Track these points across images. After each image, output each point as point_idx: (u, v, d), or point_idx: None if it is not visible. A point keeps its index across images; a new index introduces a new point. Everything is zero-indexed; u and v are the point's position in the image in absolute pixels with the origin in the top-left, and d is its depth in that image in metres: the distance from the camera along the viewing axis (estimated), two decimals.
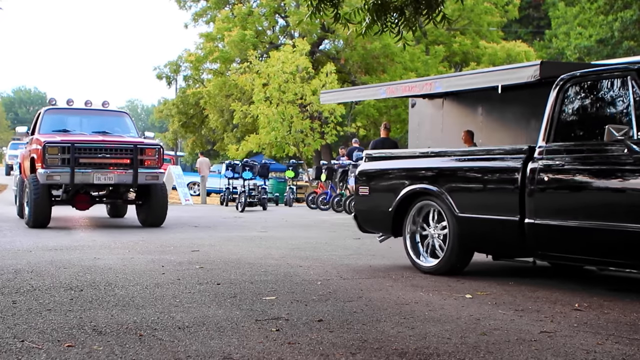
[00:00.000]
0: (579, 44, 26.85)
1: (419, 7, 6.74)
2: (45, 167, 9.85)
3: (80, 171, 9.95)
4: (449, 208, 5.65)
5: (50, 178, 9.92)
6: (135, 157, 10.21)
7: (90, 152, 10.16)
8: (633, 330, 3.79)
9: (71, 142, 10.07)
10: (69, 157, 9.92)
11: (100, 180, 10.14)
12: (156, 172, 10.47)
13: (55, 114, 11.65)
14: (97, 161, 10.16)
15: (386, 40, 25.99)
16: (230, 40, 28.35)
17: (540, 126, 5.83)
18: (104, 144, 10.32)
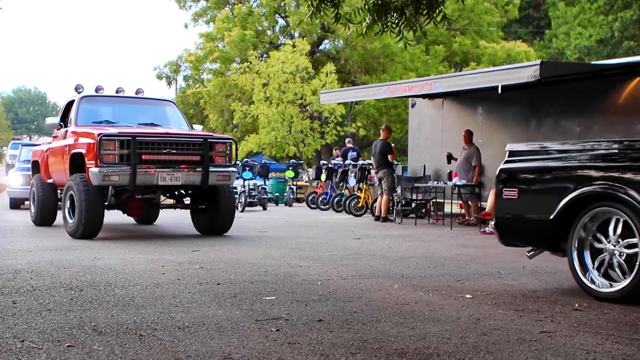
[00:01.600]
0: (579, 44, 26.84)
1: (419, 7, 6.74)
2: (100, 165, 8.19)
3: (142, 170, 8.32)
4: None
5: (106, 178, 8.26)
6: (206, 153, 8.66)
7: (154, 147, 8.48)
8: (633, 330, 3.79)
9: (132, 134, 8.41)
10: (128, 153, 8.30)
11: (166, 181, 8.47)
12: (228, 172, 8.96)
13: (93, 102, 9.97)
14: (162, 158, 8.49)
15: (386, 40, 25.99)
16: (230, 40, 28.34)
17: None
18: (170, 137, 8.70)
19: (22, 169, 15.07)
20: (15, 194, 15.10)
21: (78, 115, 9.55)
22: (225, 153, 8.98)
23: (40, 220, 10.38)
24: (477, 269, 6.29)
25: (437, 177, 13.34)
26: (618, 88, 10.19)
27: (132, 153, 8.27)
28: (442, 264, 6.60)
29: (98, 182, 8.27)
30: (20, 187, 14.85)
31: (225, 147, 9.02)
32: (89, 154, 8.40)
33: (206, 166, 8.63)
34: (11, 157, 24.90)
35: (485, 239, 9.59)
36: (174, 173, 8.53)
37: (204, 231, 9.47)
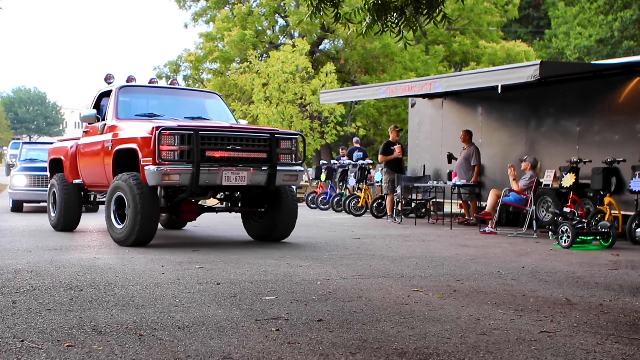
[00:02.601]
0: (579, 44, 26.84)
1: (419, 7, 6.73)
2: (158, 163, 7.24)
3: (206, 168, 7.40)
4: None
5: (166, 178, 7.27)
6: (274, 150, 7.83)
7: (217, 142, 7.57)
8: (633, 330, 3.79)
9: (193, 128, 7.49)
10: (189, 149, 7.34)
11: (230, 181, 7.56)
12: (296, 171, 8.15)
13: (133, 93, 9.06)
14: (227, 155, 7.61)
15: (386, 40, 25.99)
16: (230, 40, 28.33)
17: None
18: (235, 132, 7.83)
19: (27, 169, 14.14)
20: (19, 196, 13.94)
21: (118, 107, 8.56)
22: (291, 150, 8.14)
23: (64, 225, 9.58)
24: (477, 269, 6.29)
25: (437, 177, 13.34)
26: (618, 88, 10.19)
27: (195, 149, 7.30)
28: (442, 264, 6.60)
29: (156, 181, 7.31)
30: (24, 189, 13.81)
31: (292, 144, 8.17)
32: (144, 149, 7.41)
33: (274, 165, 7.82)
34: (12, 157, 24.73)
35: (485, 239, 9.59)
36: (239, 172, 7.62)
37: (261, 237, 8.61)
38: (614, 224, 8.88)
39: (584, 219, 8.80)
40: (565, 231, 8.50)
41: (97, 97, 9.39)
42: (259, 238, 8.65)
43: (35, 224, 10.86)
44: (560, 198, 10.24)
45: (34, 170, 13.94)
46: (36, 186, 13.76)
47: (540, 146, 11.44)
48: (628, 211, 9.56)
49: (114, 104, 8.60)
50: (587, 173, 9.87)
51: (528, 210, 10.40)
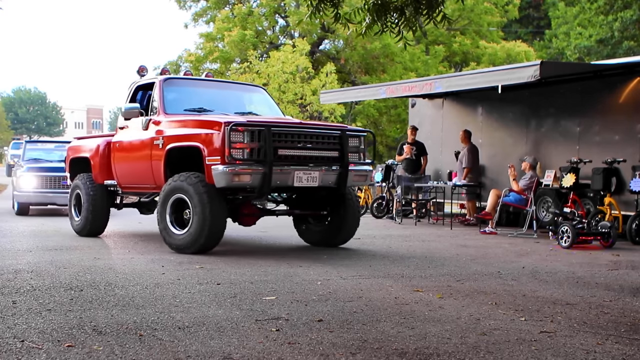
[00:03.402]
0: (579, 44, 26.85)
1: (419, 7, 6.73)
2: (228, 162, 6.61)
3: (277, 168, 6.83)
4: None
5: (236, 179, 6.65)
6: (345, 148, 7.30)
7: (288, 140, 6.98)
8: (633, 330, 3.79)
9: (265, 124, 6.90)
10: (259, 146, 6.74)
11: (302, 182, 7.01)
12: (365, 171, 7.65)
13: (179, 86, 8.38)
14: (298, 154, 7.04)
15: (386, 40, 26.00)
16: (230, 40, 28.34)
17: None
18: (306, 128, 7.25)
19: (35, 169, 12.98)
20: (26, 198, 12.76)
21: (165, 101, 7.83)
22: (359, 148, 7.58)
23: (90, 229, 8.88)
24: (477, 269, 6.29)
25: (437, 177, 13.34)
26: (618, 88, 10.19)
27: (267, 147, 6.70)
28: (442, 264, 6.61)
29: (225, 182, 6.65)
30: (32, 191, 12.67)
31: (360, 141, 7.61)
32: (210, 147, 6.76)
33: (345, 164, 7.28)
34: (13, 157, 24.60)
35: (485, 239, 9.59)
36: (310, 172, 7.05)
37: (320, 243, 8.05)
38: (614, 224, 8.88)
39: (584, 219, 8.80)
40: (565, 231, 8.50)
41: (133, 90, 8.64)
42: (317, 243, 8.06)
43: (35, 224, 10.85)
44: (560, 198, 10.24)
45: (43, 170, 12.98)
46: (45, 187, 12.74)
47: (540, 146, 11.44)
48: (628, 211, 9.56)
49: (160, 98, 7.85)
50: (587, 173, 9.87)
51: (528, 210, 10.40)
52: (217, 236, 6.98)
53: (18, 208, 12.97)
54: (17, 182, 12.92)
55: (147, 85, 8.41)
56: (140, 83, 8.58)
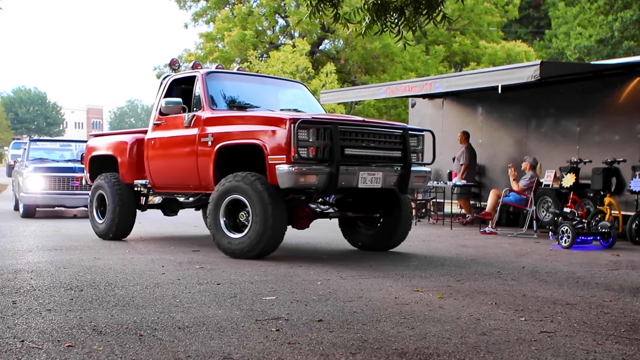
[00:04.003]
0: (579, 44, 26.85)
1: (419, 7, 6.73)
2: (293, 162, 6.23)
3: (344, 168, 6.47)
4: None
5: (302, 179, 6.24)
6: (408, 148, 6.98)
7: (352, 138, 6.62)
8: (633, 330, 3.79)
9: (332, 121, 6.54)
10: (325, 145, 6.38)
11: (366, 183, 6.66)
12: (425, 172, 7.35)
13: (223, 80, 7.86)
14: (364, 153, 6.72)
15: (386, 40, 26.01)
16: (230, 40, 28.35)
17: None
18: (371, 127, 6.90)
19: (43, 169, 12.34)
20: (33, 200, 12.10)
21: (209, 96, 7.40)
22: (417, 148, 7.27)
23: (116, 232, 8.45)
24: (477, 269, 6.29)
25: (437, 177, 13.34)
26: (618, 88, 10.19)
27: (335, 145, 6.35)
28: (442, 264, 6.61)
29: (291, 183, 6.26)
30: (40, 192, 12.02)
31: (419, 141, 7.29)
32: (273, 145, 6.37)
33: (408, 165, 6.95)
34: (13, 157, 24.51)
35: (485, 239, 9.60)
36: (374, 173, 6.71)
37: (370, 247, 7.69)
38: (614, 224, 8.88)
39: (584, 219, 8.80)
40: (565, 231, 8.50)
41: (169, 85, 8.15)
42: (367, 247, 7.70)
43: (35, 225, 10.85)
44: (560, 198, 10.24)
45: (51, 170, 12.36)
46: (54, 189, 12.13)
47: (540, 146, 11.44)
48: (628, 211, 9.56)
49: (204, 93, 7.39)
50: (587, 173, 9.88)
51: (528, 210, 10.40)
52: (278, 240, 6.58)
53: (24, 210, 12.32)
54: (23, 183, 12.22)
55: (184, 80, 8.00)
56: (178, 77, 8.13)
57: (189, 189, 7.69)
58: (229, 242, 6.70)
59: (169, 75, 8.38)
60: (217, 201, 6.79)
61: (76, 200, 12.26)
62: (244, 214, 6.64)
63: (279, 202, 6.48)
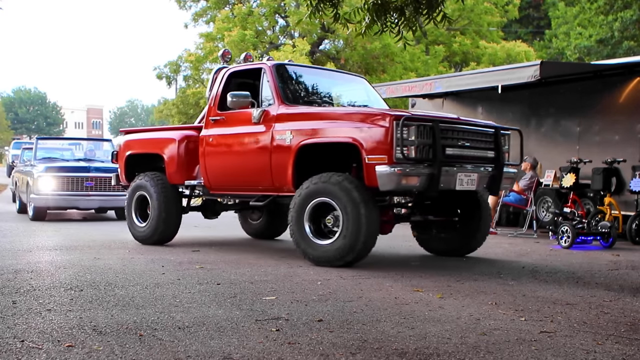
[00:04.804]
0: (579, 44, 26.85)
1: (419, 6, 6.73)
2: (395, 162, 5.75)
3: (444, 169, 6.04)
4: None
5: (404, 181, 5.78)
6: (500, 148, 6.62)
7: (448, 137, 6.20)
8: (633, 330, 3.79)
9: (433, 118, 6.11)
10: (425, 144, 5.95)
11: (463, 185, 6.25)
12: (513, 173, 6.99)
13: (290, 73, 7.34)
14: (461, 153, 6.32)
15: (386, 40, 26.00)
16: (230, 40, 28.34)
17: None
18: (468, 125, 6.51)
19: (55, 168, 11.70)
20: (44, 202, 11.48)
21: (282, 90, 6.88)
22: (505, 148, 6.85)
23: (160, 236, 7.91)
24: (477, 269, 6.29)
25: None
26: (618, 88, 10.19)
27: (436, 145, 5.93)
28: (442, 264, 6.60)
29: (393, 185, 5.78)
30: (51, 193, 11.41)
31: (506, 140, 6.88)
32: (372, 145, 5.88)
33: (500, 165, 6.59)
34: (13, 157, 24.43)
35: None
36: (470, 174, 6.31)
37: (446, 251, 7.31)
38: (614, 224, 8.89)
39: (584, 219, 8.81)
40: (565, 231, 8.50)
41: (227, 77, 7.57)
42: (443, 252, 7.33)
43: (35, 225, 10.86)
44: (560, 198, 10.24)
45: (64, 170, 11.75)
46: (67, 190, 11.55)
47: (540, 146, 11.44)
48: (628, 211, 9.57)
49: (274, 87, 6.87)
50: (587, 173, 9.88)
51: (528, 210, 10.40)
52: (370, 246, 6.10)
53: (34, 213, 11.66)
54: (34, 183, 11.50)
55: (243, 72, 7.53)
56: (237, 69, 7.57)
57: (257, 190, 7.08)
58: (315, 248, 6.22)
59: (223, 67, 7.93)
60: (302, 205, 6.27)
61: (90, 202, 11.75)
62: (331, 218, 6.16)
63: (372, 205, 5.99)
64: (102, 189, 11.71)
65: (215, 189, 7.55)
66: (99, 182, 11.66)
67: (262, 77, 7.05)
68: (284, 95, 6.84)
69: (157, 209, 7.83)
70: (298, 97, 7.05)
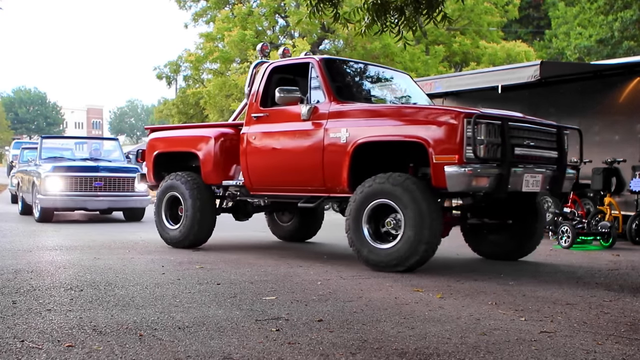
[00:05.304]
0: (579, 44, 26.85)
1: (419, 6, 6.74)
2: (465, 162, 5.50)
3: (513, 170, 5.79)
4: None
5: (475, 182, 5.54)
6: (563, 147, 6.38)
7: (519, 136, 5.98)
8: (633, 330, 3.79)
9: (502, 117, 5.85)
10: (494, 143, 5.68)
11: (529, 187, 5.98)
12: (573, 175, 6.72)
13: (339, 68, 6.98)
14: (528, 153, 6.05)
15: (386, 40, 26.01)
16: (230, 40, 28.36)
17: None
18: (535, 124, 6.28)
19: (64, 168, 11.39)
20: (51, 203, 11.15)
21: (333, 85, 6.52)
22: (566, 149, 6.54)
23: (194, 238, 7.56)
24: (477, 269, 6.28)
25: None
26: (618, 88, 10.19)
27: (506, 144, 5.69)
28: (442, 264, 6.60)
29: (463, 186, 5.53)
30: (59, 193, 11.08)
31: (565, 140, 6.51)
32: (441, 143, 5.59)
33: (563, 166, 6.34)
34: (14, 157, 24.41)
35: None
36: (536, 175, 6.04)
37: (499, 255, 7.05)
38: (614, 224, 8.89)
39: (584, 219, 8.80)
40: (565, 231, 8.50)
41: (269, 72, 7.22)
42: (495, 256, 7.07)
43: (35, 225, 10.85)
44: (560, 198, 10.24)
45: (73, 169, 11.44)
46: (75, 190, 11.24)
47: None
48: (628, 211, 9.57)
49: (325, 82, 6.52)
50: (587, 173, 9.88)
51: None
52: (433, 250, 5.84)
53: (41, 214, 11.30)
54: (41, 183, 11.15)
55: (287, 67, 7.27)
56: (280, 64, 7.28)
57: (306, 191, 6.71)
58: (376, 252, 5.91)
59: (263, 61, 7.69)
60: (360, 207, 5.97)
61: (99, 203, 11.42)
62: (392, 220, 5.89)
63: (436, 207, 5.72)
64: (112, 189, 11.42)
65: (257, 190, 7.19)
66: (108, 182, 11.37)
67: (309, 72, 6.70)
68: (336, 91, 6.49)
69: (191, 211, 7.46)
70: (349, 93, 6.71)
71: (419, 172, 6.20)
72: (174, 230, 7.70)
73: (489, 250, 7.16)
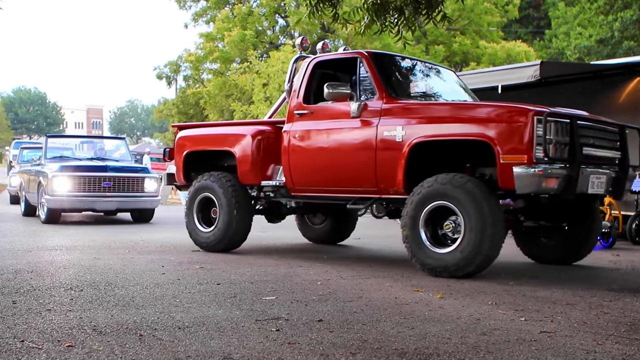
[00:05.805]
0: (579, 44, 26.85)
1: (418, 6, 6.74)
2: (534, 163, 5.23)
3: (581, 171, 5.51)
4: None
5: (545, 183, 5.29)
6: (626, 148, 6.08)
7: (586, 135, 5.72)
8: (633, 330, 3.79)
9: (570, 114, 5.65)
10: (565, 143, 5.46)
11: (594, 188, 5.69)
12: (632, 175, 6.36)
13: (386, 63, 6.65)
14: (595, 153, 5.80)
15: (386, 40, 26.03)
16: (230, 40, 28.38)
17: None
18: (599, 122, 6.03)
19: (71, 168, 11.03)
20: (59, 203, 10.81)
21: (385, 81, 6.22)
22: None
23: (229, 241, 7.22)
24: None
25: None
26: (618, 88, 10.19)
27: (576, 144, 5.43)
28: None
29: (532, 187, 5.29)
30: (67, 194, 10.74)
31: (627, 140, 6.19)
32: (508, 142, 5.33)
33: (626, 167, 6.04)
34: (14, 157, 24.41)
35: None
36: (600, 176, 5.75)
37: (552, 259, 6.76)
38: (614, 224, 8.88)
39: None
40: None
41: (312, 67, 6.88)
42: (548, 260, 6.78)
43: (35, 225, 10.85)
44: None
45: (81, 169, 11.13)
46: (84, 190, 10.91)
47: None
48: (628, 211, 9.56)
49: (376, 78, 6.21)
50: None
51: None
52: (495, 255, 5.63)
53: (47, 215, 10.96)
54: (48, 184, 10.79)
55: (331, 62, 6.98)
56: (324, 59, 6.95)
57: (356, 192, 6.40)
58: (436, 258, 5.66)
59: (303, 55, 7.47)
60: (417, 209, 5.69)
61: (108, 204, 11.09)
62: (450, 224, 5.65)
63: (498, 210, 5.48)
64: (121, 189, 11.13)
65: (300, 190, 6.82)
66: (117, 183, 11.09)
67: (357, 68, 6.37)
68: (388, 87, 6.16)
69: (227, 213, 7.12)
70: (400, 89, 6.41)
71: (476, 172, 6.01)
72: (207, 233, 7.36)
73: (542, 254, 6.86)
